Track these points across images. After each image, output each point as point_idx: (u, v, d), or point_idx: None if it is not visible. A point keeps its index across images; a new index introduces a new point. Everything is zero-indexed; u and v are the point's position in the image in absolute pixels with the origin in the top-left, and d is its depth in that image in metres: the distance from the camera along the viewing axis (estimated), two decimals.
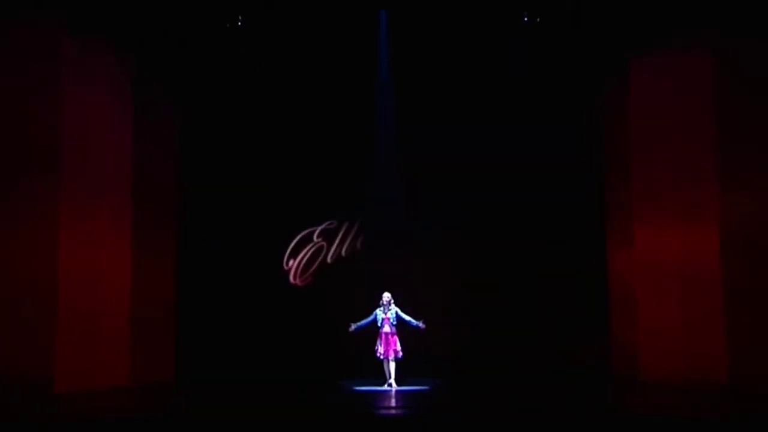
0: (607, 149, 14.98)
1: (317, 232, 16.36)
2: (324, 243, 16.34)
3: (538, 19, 13.84)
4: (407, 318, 13.32)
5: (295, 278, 16.24)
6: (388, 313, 13.38)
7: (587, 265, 15.21)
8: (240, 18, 13.87)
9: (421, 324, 13.22)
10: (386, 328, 13.37)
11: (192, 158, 15.84)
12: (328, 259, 16.32)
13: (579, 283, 15.29)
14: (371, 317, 13.40)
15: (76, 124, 13.20)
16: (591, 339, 15.04)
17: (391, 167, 15.80)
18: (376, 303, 13.60)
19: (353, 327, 13.31)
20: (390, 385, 13.39)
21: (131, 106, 14.36)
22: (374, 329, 13.48)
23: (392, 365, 13.39)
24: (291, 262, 16.23)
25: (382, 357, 13.43)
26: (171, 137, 15.52)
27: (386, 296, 13.56)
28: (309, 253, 16.26)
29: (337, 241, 16.31)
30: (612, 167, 14.88)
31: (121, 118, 14.19)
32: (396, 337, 13.41)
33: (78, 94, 13.26)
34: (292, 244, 16.27)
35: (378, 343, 13.42)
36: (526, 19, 13.85)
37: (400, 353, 13.41)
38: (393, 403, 12.21)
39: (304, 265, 16.24)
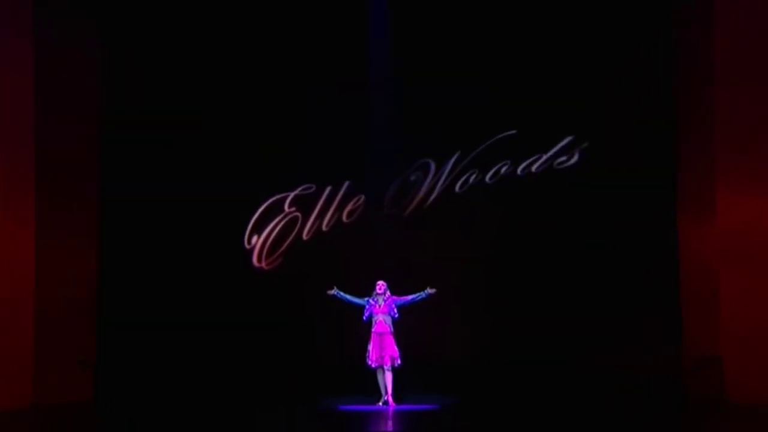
0: (681, 86, 13.66)
1: (289, 199, 14.99)
2: (299, 214, 14.98)
3: None
4: (409, 297, 12.66)
5: (259, 260, 15.00)
6: (383, 305, 12.60)
7: (651, 244, 13.96)
8: None
9: (429, 290, 12.57)
10: (379, 326, 12.54)
11: (120, 101, 14.32)
12: (304, 236, 15.04)
13: (640, 267, 14.01)
14: (360, 301, 12.72)
15: None
16: (657, 343, 13.73)
17: (390, 109, 14.67)
18: (368, 294, 12.79)
19: (335, 291, 12.74)
20: (385, 402, 12.59)
21: (31, 28, 13.09)
22: (362, 324, 12.62)
23: (388, 376, 12.59)
24: (255, 239, 14.95)
25: (374, 365, 12.62)
26: (92, 74, 13.99)
27: (380, 285, 12.70)
28: (278, 228, 14.94)
29: (315, 212, 15.01)
30: (686, 113, 13.64)
31: (16, 44, 13.00)
32: (393, 339, 12.59)
33: None
34: (256, 214, 14.92)
35: (369, 346, 12.62)
36: None
37: (398, 360, 12.56)
38: (390, 426, 11.67)
39: (272, 242, 14.96)
